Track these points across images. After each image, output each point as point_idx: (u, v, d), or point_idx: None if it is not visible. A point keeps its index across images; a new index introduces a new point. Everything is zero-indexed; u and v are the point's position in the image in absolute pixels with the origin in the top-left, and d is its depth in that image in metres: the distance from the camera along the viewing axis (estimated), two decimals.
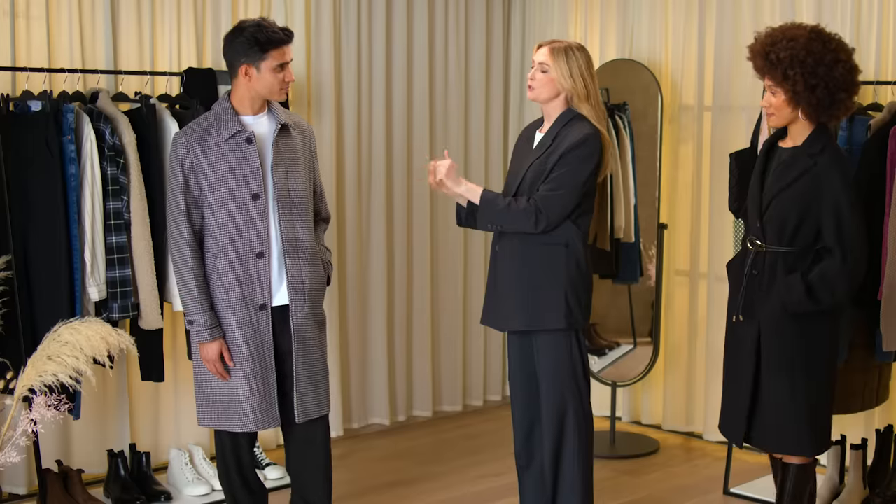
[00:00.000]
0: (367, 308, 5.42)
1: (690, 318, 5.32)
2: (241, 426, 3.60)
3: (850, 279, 3.42)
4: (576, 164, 3.64)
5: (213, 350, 3.53)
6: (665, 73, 5.34)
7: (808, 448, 3.57)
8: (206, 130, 3.54)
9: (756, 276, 3.56)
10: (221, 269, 3.54)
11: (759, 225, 3.54)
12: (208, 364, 3.56)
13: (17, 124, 4.00)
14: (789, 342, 3.50)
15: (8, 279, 3.90)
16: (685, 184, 5.33)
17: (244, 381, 3.57)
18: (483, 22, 5.78)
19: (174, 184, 3.55)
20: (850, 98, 3.45)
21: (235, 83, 3.57)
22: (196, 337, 3.55)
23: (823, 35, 3.43)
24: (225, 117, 3.55)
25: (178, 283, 3.57)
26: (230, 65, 3.57)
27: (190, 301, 3.53)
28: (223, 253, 3.54)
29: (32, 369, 3.21)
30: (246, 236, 3.54)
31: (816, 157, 3.44)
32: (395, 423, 5.55)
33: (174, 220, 3.55)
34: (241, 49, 3.50)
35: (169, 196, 3.59)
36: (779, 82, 3.44)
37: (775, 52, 3.42)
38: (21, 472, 4.35)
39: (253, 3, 4.89)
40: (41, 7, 4.31)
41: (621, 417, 5.57)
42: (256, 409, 3.58)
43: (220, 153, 3.52)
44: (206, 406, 3.64)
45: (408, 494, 4.58)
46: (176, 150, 3.55)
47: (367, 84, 5.33)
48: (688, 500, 4.54)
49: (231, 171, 3.52)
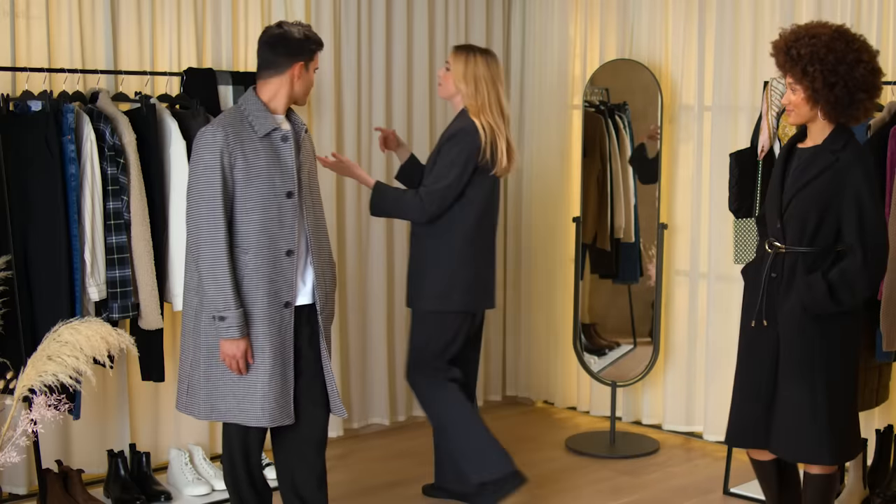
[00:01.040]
0: (366, 308, 5.42)
1: (690, 318, 5.32)
2: (257, 420, 3.57)
3: (870, 278, 3.35)
4: (449, 158, 4.12)
5: (241, 346, 3.50)
6: (665, 73, 5.34)
7: (826, 455, 3.45)
8: (241, 125, 3.52)
9: (775, 278, 3.48)
10: (252, 266, 3.52)
11: (780, 225, 3.47)
12: (231, 360, 3.51)
13: (17, 124, 4.00)
14: (809, 343, 3.41)
15: (8, 279, 3.90)
16: (685, 184, 5.34)
17: (264, 376, 3.54)
18: (483, 22, 5.78)
19: (210, 177, 3.46)
20: (869, 99, 3.38)
21: (276, 81, 3.57)
22: (226, 333, 3.47)
23: (847, 35, 3.38)
24: (259, 114, 3.54)
25: (209, 278, 3.47)
26: (278, 62, 3.55)
27: (223, 297, 3.47)
28: (254, 249, 3.52)
29: (32, 369, 3.21)
30: (278, 234, 3.55)
31: (838, 153, 3.37)
32: (396, 423, 5.56)
33: (209, 214, 3.46)
34: (299, 47, 3.55)
35: (200, 190, 3.47)
36: (798, 79, 3.38)
37: (796, 48, 3.36)
38: (21, 472, 4.35)
39: (253, 4, 4.89)
40: (41, 7, 4.31)
41: (621, 417, 5.57)
42: (273, 404, 3.56)
43: (258, 149, 3.52)
44: (217, 399, 3.59)
45: (408, 494, 4.58)
46: (214, 143, 3.46)
47: (367, 84, 5.33)
48: (688, 500, 4.54)
49: (268, 168, 3.53)
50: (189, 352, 3.63)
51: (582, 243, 5.40)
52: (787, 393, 3.45)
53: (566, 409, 5.89)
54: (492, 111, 4.16)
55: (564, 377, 5.87)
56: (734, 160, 4.47)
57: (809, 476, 3.55)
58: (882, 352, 4.09)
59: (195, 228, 3.50)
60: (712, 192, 5.15)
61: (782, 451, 3.51)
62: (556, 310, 5.82)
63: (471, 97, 4.16)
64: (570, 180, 5.70)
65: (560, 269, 5.80)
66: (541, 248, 5.89)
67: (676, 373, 5.40)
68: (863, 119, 3.47)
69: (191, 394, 3.65)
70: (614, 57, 5.49)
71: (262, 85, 3.60)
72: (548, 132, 5.80)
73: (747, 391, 3.56)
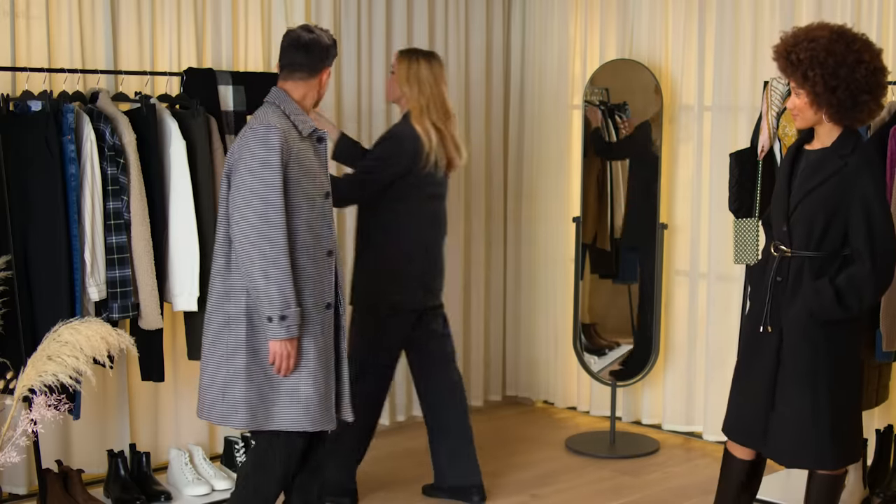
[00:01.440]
0: None
1: (690, 318, 5.31)
2: (302, 425, 3.50)
3: (878, 284, 3.31)
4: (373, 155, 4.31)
5: (295, 346, 3.46)
6: (665, 73, 5.34)
7: (829, 461, 3.41)
8: (288, 125, 3.51)
9: (780, 282, 3.44)
10: (300, 266, 3.49)
11: (786, 228, 3.42)
12: (283, 360, 3.44)
13: (17, 124, 3.99)
14: (814, 348, 3.37)
15: (8, 279, 3.90)
16: (685, 184, 5.34)
17: (310, 378, 3.49)
18: (483, 21, 5.78)
19: (270, 175, 3.40)
20: (874, 100, 3.32)
21: (307, 84, 3.60)
22: (286, 332, 3.41)
23: (847, 35, 3.32)
24: (300, 114, 3.56)
25: (270, 278, 3.38)
26: (311, 65, 3.58)
27: (285, 296, 3.40)
28: (301, 249, 3.50)
29: (32, 369, 3.21)
30: (320, 234, 3.56)
31: (847, 158, 3.33)
32: (396, 423, 5.55)
33: (269, 213, 3.39)
34: (329, 53, 3.62)
35: (260, 188, 3.39)
36: (800, 84, 3.34)
37: (796, 53, 3.32)
38: (21, 472, 4.34)
39: (253, 4, 4.88)
40: (41, 7, 4.31)
41: (621, 417, 5.57)
42: (319, 408, 3.52)
43: (303, 148, 3.52)
44: (260, 406, 3.49)
45: (408, 494, 4.58)
46: (275, 142, 3.42)
47: (367, 84, 5.33)
48: (688, 500, 4.54)
49: (313, 168, 3.54)
50: (222, 359, 3.51)
51: (582, 243, 5.40)
52: (788, 397, 3.42)
53: (566, 408, 5.89)
54: (436, 110, 4.29)
55: (564, 377, 5.87)
56: (734, 160, 4.47)
57: (816, 476, 3.53)
58: (882, 352, 4.08)
59: (252, 227, 3.39)
60: (712, 192, 5.15)
61: (781, 456, 3.47)
62: (556, 310, 5.82)
63: (414, 99, 4.29)
64: (570, 180, 5.70)
65: (560, 269, 5.80)
66: (541, 248, 5.89)
67: (676, 373, 5.40)
68: (868, 120, 3.42)
69: (227, 402, 3.51)
70: (614, 57, 5.49)
71: (293, 86, 3.59)
72: (548, 132, 5.80)
73: (745, 394, 3.53)
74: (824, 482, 3.51)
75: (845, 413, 3.42)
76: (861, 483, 4.28)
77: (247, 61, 4.87)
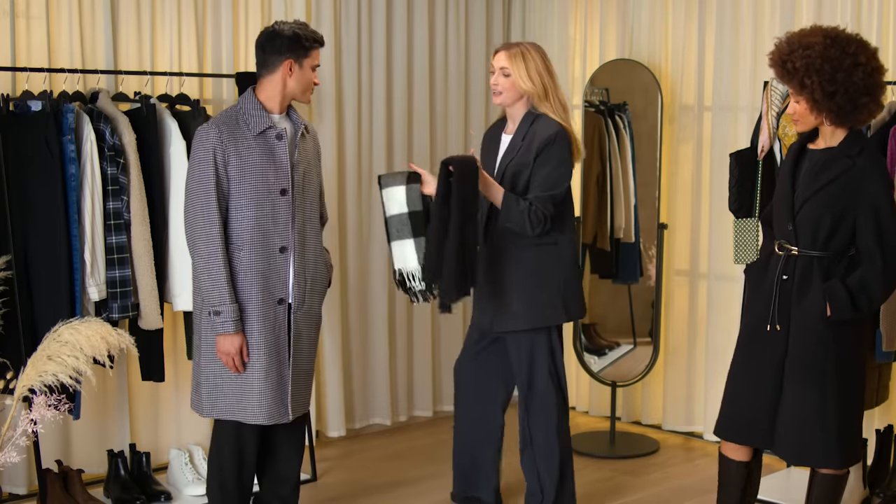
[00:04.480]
0: (367, 308, 5.42)
1: (690, 318, 5.32)
2: (254, 418, 3.62)
3: (888, 284, 3.32)
4: (555, 163, 3.83)
5: (236, 342, 3.55)
6: (665, 73, 5.34)
7: (835, 460, 3.39)
8: (236, 123, 3.58)
9: (786, 281, 3.43)
10: (246, 263, 3.58)
11: (791, 227, 3.41)
12: (226, 357, 3.56)
13: (17, 124, 4.00)
14: (822, 347, 3.36)
15: (8, 279, 3.90)
16: (685, 184, 5.34)
17: (260, 373, 3.60)
18: (483, 21, 5.78)
19: (202, 174, 3.53)
20: (873, 101, 3.32)
21: (270, 80, 3.62)
22: (221, 328, 3.54)
23: (841, 38, 3.30)
24: (254, 112, 3.60)
25: (204, 273, 3.54)
26: (268, 61, 3.61)
27: (219, 292, 3.53)
28: (248, 246, 3.58)
29: (32, 369, 3.21)
30: (272, 230, 3.60)
31: (855, 159, 3.32)
32: (397, 423, 5.55)
33: (202, 210, 3.53)
34: (287, 44, 3.59)
35: (194, 187, 3.55)
36: (798, 91, 3.34)
37: (791, 62, 3.32)
38: (21, 472, 4.34)
39: (253, 4, 4.88)
40: (41, 7, 4.31)
41: (621, 417, 5.57)
42: (270, 402, 3.62)
43: (251, 147, 3.57)
44: (217, 396, 3.64)
45: (408, 494, 4.58)
46: (207, 141, 3.54)
47: (367, 84, 5.33)
48: (688, 500, 4.54)
49: (262, 165, 3.58)
50: (198, 350, 3.69)
51: (582, 243, 5.40)
52: (795, 396, 3.41)
53: None
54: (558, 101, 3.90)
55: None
56: (734, 160, 4.47)
57: (819, 475, 3.53)
58: (882, 352, 4.09)
59: (190, 225, 3.56)
60: (712, 192, 5.15)
61: (788, 454, 3.48)
62: None
63: (541, 95, 3.87)
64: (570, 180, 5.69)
65: None
66: None
67: (676, 373, 5.40)
68: (868, 121, 3.43)
69: (197, 392, 3.70)
70: (614, 57, 5.49)
71: (259, 84, 3.67)
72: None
73: (747, 391, 3.52)
74: (827, 482, 3.51)
75: (851, 413, 3.43)
76: (861, 483, 4.28)
77: (247, 62, 4.87)
